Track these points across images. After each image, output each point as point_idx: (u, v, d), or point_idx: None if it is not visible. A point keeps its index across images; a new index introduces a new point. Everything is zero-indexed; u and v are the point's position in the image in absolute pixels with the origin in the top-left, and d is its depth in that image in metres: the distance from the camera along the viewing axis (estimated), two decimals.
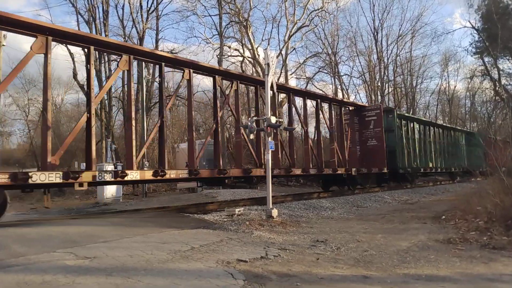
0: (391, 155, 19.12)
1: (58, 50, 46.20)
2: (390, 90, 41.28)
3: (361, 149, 18.97)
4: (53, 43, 8.71)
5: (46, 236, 6.34)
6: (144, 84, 22.61)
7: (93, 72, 9.50)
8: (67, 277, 4.10)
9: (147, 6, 27.13)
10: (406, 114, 25.78)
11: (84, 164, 9.35)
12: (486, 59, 36.63)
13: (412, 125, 22.40)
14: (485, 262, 5.32)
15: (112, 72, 22.03)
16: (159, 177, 10.03)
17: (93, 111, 9.05)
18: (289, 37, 32.04)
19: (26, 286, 3.83)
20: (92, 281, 4.04)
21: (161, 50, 21.24)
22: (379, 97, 38.77)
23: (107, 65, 26.25)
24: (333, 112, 17.35)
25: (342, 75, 40.17)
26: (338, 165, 16.56)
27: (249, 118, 10.05)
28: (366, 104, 23.17)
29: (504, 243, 6.16)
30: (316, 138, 17.40)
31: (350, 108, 18.84)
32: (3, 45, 8.59)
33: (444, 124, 32.03)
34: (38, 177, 7.70)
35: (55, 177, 7.94)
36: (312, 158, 15.77)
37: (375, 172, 18.34)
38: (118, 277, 4.17)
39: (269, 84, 9.53)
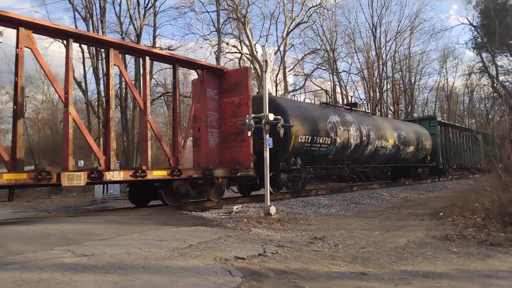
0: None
1: (55, 47, 46.07)
2: (388, 87, 41.22)
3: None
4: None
5: (43, 234, 6.33)
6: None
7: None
8: (64, 275, 4.10)
9: (145, 2, 26.86)
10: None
11: (82, 161, 9.11)
12: (484, 56, 36.59)
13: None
14: (482, 258, 5.34)
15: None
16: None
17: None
18: (287, 33, 31.90)
19: (23, 284, 3.83)
20: (89, 278, 4.04)
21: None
22: (378, 93, 38.73)
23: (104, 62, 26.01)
24: None
25: (341, 72, 40.05)
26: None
27: (248, 116, 9.95)
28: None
29: (501, 240, 6.19)
30: None
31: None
32: (0, 42, 8.44)
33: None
34: None
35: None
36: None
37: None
38: (116, 275, 4.17)
39: (267, 81, 9.50)
